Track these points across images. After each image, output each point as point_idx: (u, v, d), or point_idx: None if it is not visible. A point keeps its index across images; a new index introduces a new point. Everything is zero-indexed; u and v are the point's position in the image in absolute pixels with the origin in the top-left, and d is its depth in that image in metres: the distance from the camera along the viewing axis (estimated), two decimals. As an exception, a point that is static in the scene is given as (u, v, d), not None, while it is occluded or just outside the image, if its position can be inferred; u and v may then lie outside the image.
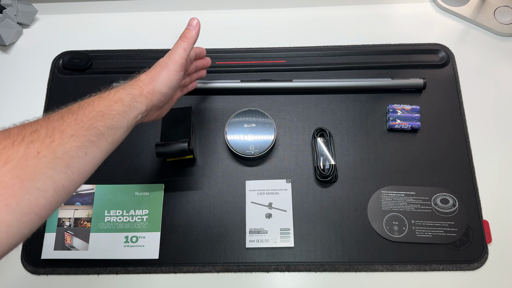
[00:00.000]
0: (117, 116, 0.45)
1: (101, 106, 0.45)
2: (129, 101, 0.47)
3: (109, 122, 0.44)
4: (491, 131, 0.71)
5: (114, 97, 0.46)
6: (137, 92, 0.49)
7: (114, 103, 0.46)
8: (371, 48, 0.77)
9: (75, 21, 0.82)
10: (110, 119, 0.44)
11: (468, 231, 0.64)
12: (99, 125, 0.43)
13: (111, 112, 0.45)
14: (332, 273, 0.63)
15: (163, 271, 0.63)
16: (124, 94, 0.47)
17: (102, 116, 0.44)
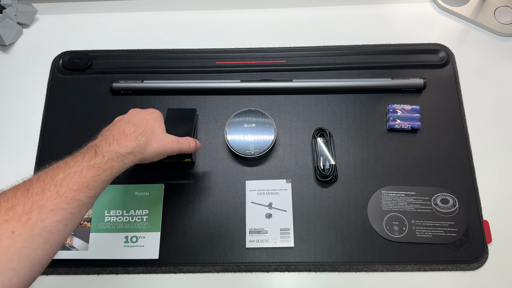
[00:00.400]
0: (102, 184, 0.45)
1: (88, 176, 0.43)
2: (119, 169, 0.47)
3: (93, 192, 0.44)
4: (491, 131, 0.70)
5: (105, 166, 0.46)
6: (130, 160, 0.49)
7: (103, 172, 0.45)
8: (371, 48, 0.77)
9: (75, 21, 0.82)
10: (95, 189, 0.44)
11: (468, 231, 0.64)
12: (82, 197, 0.42)
13: (96, 182, 0.44)
14: (332, 273, 0.63)
15: (163, 271, 0.63)
16: (116, 162, 0.47)
17: (87, 187, 0.43)
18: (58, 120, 0.73)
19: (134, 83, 0.73)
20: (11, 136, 0.73)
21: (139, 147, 0.50)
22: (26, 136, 0.72)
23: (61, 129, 0.73)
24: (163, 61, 0.77)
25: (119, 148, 0.48)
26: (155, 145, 0.52)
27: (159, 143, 0.53)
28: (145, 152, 0.51)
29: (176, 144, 0.56)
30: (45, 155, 0.71)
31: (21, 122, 0.74)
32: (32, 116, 0.74)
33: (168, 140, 0.55)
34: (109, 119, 0.72)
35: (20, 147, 0.72)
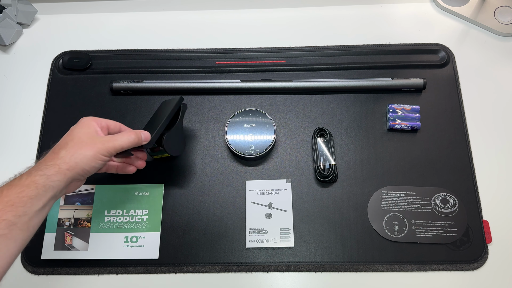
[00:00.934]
0: (30, 201, 0.44)
1: (10, 195, 0.43)
2: (43, 182, 0.45)
3: (21, 210, 0.43)
4: (491, 131, 0.70)
5: (26, 182, 0.45)
6: (54, 171, 0.47)
7: (26, 188, 0.44)
8: (371, 48, 0.77)
9: (75, 21, 0.82)
10: (22, 206, 0.43)
11: (468, 231, 0.64)
12: (9, 216, 0.42)
13: (22, 199, 0.43)
14: (332, 273, 0.63)
15: (163, 271, 0.63)
16: (38, 176, 0.45)
17: (12, 205, 0.42)
18: (58, 120, 0.73)
19: (134, 83, 0.73)
20: (11, 136, 0.73)
21: (61, 159, 0.48)
22: (26, 136, 0.72)
23: (61, 129, 0.71)
24: (163, 61, 0.77)
25: (39, 164, 0.48)
26: (81, 150, 0.50)
27: (86, 147, 0.50)
28: (71, 161, 0.48)
29: (111, 142, 0.52)
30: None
31: (21, 122, 0.74)
32: (32, 116, 0.74)
33: (99, 141, 0.52)
34: (109, 118, 0.73)
35: (20, 147, 0.72)
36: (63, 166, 0.48)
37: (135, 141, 0.55)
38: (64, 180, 0.47)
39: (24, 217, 0.43)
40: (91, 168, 0.51)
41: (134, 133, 0.55)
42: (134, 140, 0.55)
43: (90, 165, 0.50)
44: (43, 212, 0.46)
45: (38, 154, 0.71)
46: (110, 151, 0.52)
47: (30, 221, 0.44)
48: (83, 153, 0.50)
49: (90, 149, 0.50)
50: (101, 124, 0.55)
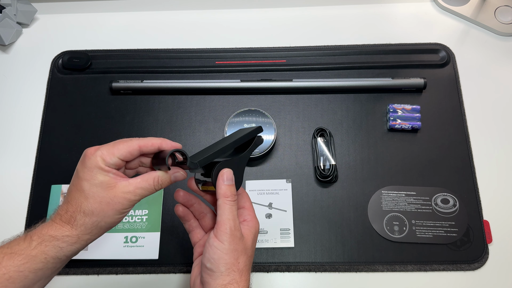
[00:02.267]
0: (33, 274, 0.37)
1: (9, 266, 0.36)
2: (55, 255, 0.38)
3: (19, 285, 0.37)
4: (491, 131, 0.70)
5: (34, 252, 0.37)
6: (71, 241, 0.39)
7: (31, 260, 0.37)
8: (371, 47, 0.77)
9: (75, 20, 0.82)
10: (21, 281, 0.36)
11: (469, 231, 0.64)
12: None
13: (23, 273, 0.36)
14: (332, 273, 0.63)
15: (162, 271, 0.63)
16: (49, 247, 0.38)
17: (8, 280, 0.36)
18: (58, 119, 0.73)
19: (134, 83, 0.73)
20: (10, 136, 0.73)
21: (79, 227, 0.40)
22: (26, 136, 0.72)
23: (61, 128, 0.72)
24: (163, 61, 0.77)
25: (53, 231, 0.39)
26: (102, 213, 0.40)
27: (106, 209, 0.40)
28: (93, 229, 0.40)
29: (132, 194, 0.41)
30: (45, 154, 0.70)
31: (20, 122, 0.74)
32: (32, 115, 0.74)
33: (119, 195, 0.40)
34: (108, 119, 0.73)
35: (19, 147, 0.72)
36: (84, 237, 0.40)
37: (165, 183, 0.44)
38: (84, 246, 0.41)
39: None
40: (117, 223, 0.43)
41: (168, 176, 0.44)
42: (163, 182, 0.44)
43: (116, 222, 0.42)
44: (51, 277, 0.40)
45: (38, 154, 0.70)
46: (133, 201, 0.42)
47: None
48: (107, 215, 0.40)
49: (112, 209, 0.40)
50: (113, 162, 0.41)
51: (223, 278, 0.41)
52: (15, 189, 0.69)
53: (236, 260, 0.42)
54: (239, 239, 0.43)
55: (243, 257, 0.43)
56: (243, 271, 0.42)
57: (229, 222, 0.43)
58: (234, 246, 0.42)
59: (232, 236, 0.42)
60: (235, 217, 0.44)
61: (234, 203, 0.44)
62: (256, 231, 0.46)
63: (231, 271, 0.42)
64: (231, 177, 0.45)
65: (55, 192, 0.67)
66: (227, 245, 0.42)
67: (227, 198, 0.44)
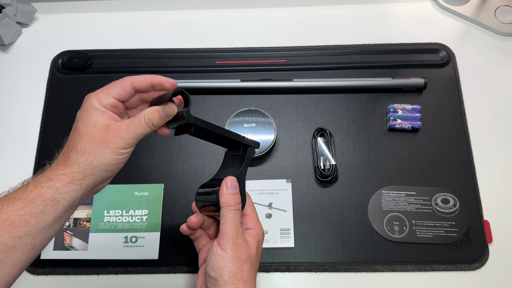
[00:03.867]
0: (34, 219, 0.37)
1: (9, 211, 0.36)
2: (52, 196, 0.38)
3: (22, 230, 0.36)
4: (492, 131, 0.70)
5: (31, 194, 0.37)
6: (65, 181, 0.39)
7: (30, 204, 0.37)
8: (371, 47, 0.77)
9: (75, 20, 0.82)
10: (23, 226, 0.36)
11: (469, 231, 0.64)
12: (6, 238, 0.35)
13: (23, 217, 0.36)
14: (332, 274, 0.63)
15: (162, 271, 0.63)
16: (45, 188, 0.38)
17: (11, 225, 0.36)
18: (58, 119, 0.73)
19: (134, 82, 0.73)
20: (10, 136, 0.73)
21: (73, 165, 0.40)
22: (26, 135, 0.72)
23: (61, 128, 0.72)
24: (163, 61, 0.77)
25: (49, 170, 0.40)
26: (96, 151, 0.40)
27: (100, 146, 0.40)
28: (87, 168, 0.40)
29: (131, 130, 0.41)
30: (45, 154, 0.70)
31: (20, 122, 0.74)
32: (32, 115, 0.74)
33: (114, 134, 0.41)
34: (108, 118, 0.73)
35: (19, 146, 0.72)
36: (78, 176, 0.39)
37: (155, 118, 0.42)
38: (80, 190, 0.40)
39: (26, 237, 0.37)
40: (115, 166, 0.41)
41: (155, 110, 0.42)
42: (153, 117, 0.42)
43: (112, 164, 0.41)
44: (55, 227, 0.39)
45: (38, 154, 0.70)
46: (131, 142, 0.41)
47: (35, 239, 0.37)
48: (99, 153, 0.40)
49: (106, 147, 0.40)
50: (109, 102, 0.42)
51: (227, 287, 0.41)
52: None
53: (240, 269, 0.42)
54: (242, 247, 0.43)
55: (247, 266, 0.43)
56: (247, 279, 0.42)
57: (232, 231, 0.43)
58: (237, 254, 0.42)
59: (235, 244, 0.42)
60: (238, 226, 0.43)
61: (238, 212, 0.44)
62: (260, 238, 0.46)
63: (235, 280, 0.41)
64: (234, 185, 0.45)
65: (55, 192, 0.67)
66: (230, 253, 0.42)
67: (230, 207, 0.43)
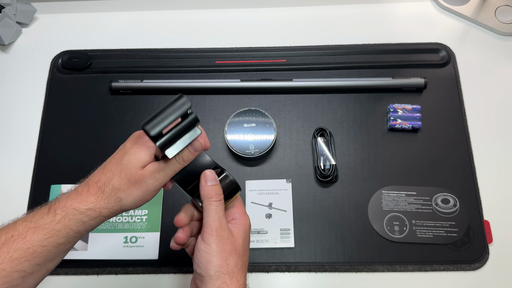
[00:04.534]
0: (55, 248, 0.37)
1: (34, 240, 0.36)
2: (77, 229, 0.38)
3: (43, 259, 0.36)
4: (492, 131, 0.70)
5: (58, 226, 0.37)
6: (92, 216, 0.39)
7: (55, 234, 0.37)
8: (371, 47, 0.76)
9: (75, 20, 0.82)
10: (44, 256, 0.36)
11: (469, 231, 0.64)
12: (26, 266, 0.35)
13: (46, 247, 0.36)
14: (332, 274, 0.62)
15: (162, 271, 0.63)
16: (73, 221, 0.38)
17: (32, 254, 0.36)
18: (58, 119, 0.73)
19: (134, 82, 0.73)
20: (10, 136, 0.73)
21: (104, 200, 0.40)
22: (25, 135, 0.72)
23: (61, 128, 0.72)
24: (163, 61, 0.77)
25: (77, 203, 0.39)
26: (129, 191, 0.40)
27: (134, 186, 0.40)
28: (116, 206, 0.40)
29: (163, 173, 0.41)
30: (45, 154, 0.70)
31: (20, 122, 0.73)
32: (31, 115, 0.74)
33: (150, 175, 0.40)
34: (108, 118, 0.73)
35: (19, 146, 0.72)
36: (105, 212, 0.40)
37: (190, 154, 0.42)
38: (101, 222, 0.41)
39: (44, 264, 0.37)
40: (138, 206, 0.42)
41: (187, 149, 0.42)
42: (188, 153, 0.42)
43: (138, 205, 0.42)
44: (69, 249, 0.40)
45: (38, 154, 0.70)
46: (163, 182, 0.42)
47: (51, 264, 0.38)
48: (131, 194, 0.40)
49: (139, 189, 0.40)
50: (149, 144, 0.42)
51: (213, 282, 0.40)
52: (15, 189, 0.69)
53: (225, 262, 0.41)
54: (226, 239, 0.41)
55: (233, 257, 0.41)
56: (233, 272, 0.41)
57: (215, 223, 0.41)
58: (221, 247, 0.41)
59: (218, 237, 0.41)
60: (221, 217, 0.42)
61: (220, 203, 0.43)
62: (246, 228, 0.44)
63: (220, 274, 0.40)
64: (213, 177, 0.43)
65: (55, 192, 0.67)
66: (214, 247, 0.41)
67: (211, 198, 0.42)
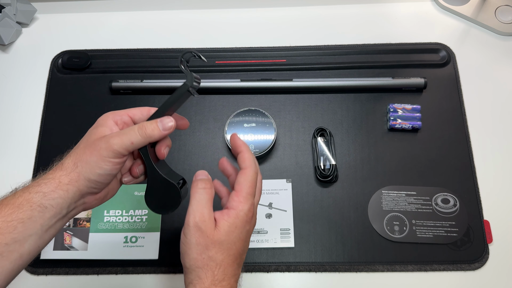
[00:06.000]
0: (21, 225, 0.36)
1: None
2: (39, 201, 0.38)
3: (9, 237, 0.36)
4: (492, 131, 0.70)
5: (19, 200, 0.37)
6: (52, 186, 0.38)
7: (17, 209, 0.37)
8: (371, 47, 0.76)
9: (74, 20, 0.82)
10: (10, 232, 0.36)
11: (469, 231, 0.64)
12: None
13: (11, 223, 0.36)
14: (332, 274, 0.62)
15: (162, 271, 0.63)
16: (33, 193, 0.38)
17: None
18: (58, 119, 0.73)
19: (134, 82, 0.73)
20: (10, 136, 0.73)
21: (63, 170, 0.39)
22: (25, 135, 0.72)
23: (61, 128, 0.72)
24: (163, 61, 0.77)
25: (42, 177, 0.39)
26: (83, 156, 0.39)
27: (88, 151, 0.39)
28: (72, 172, 0.39)
29: (118, 138, 0.40)
30: (45, 154, 0.70)
31: (20, 122, 0.73)
32: (31, 115, 0.74)
33: (104, 140, 0.40)
34: (108, 118, 0.73)
35: (19, 146, 0.72)
36: (64, 180, 0.39)
37: (149, 129, 0.41)
38: (67, 196, 0.39)
39: (13, 245, 0.36)
40: (98, 176, 0.40)
41: (139, 127, 0.41)
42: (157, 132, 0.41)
43: (95, 172, 0.39)
44: (43, 237, 0.38)
45: (37, 154, 0.70)
46: (116, 149, 0.39)
47: (22, 247, 0.37)
48: (85, 159, 0.39)
49: (92, 153, 0.40)
50: (120, 118, 0.43)
51: (187, 275, 0.40)
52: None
53: (200, 255, 0.39)
54: (203, 231, 0.40)
55: (210, 251, 0.39)
56: (208, 266, 0.39)
57: (194, 214, 0.40)
58: (196, 240, 0.39)
59: (195, 229, 0.40)
60: (203, 208, 0.41)
61: (204, 191, 0.41)
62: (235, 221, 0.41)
63: (195, 268, 0.39)
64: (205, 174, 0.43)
65: (55, 192, 0.67)
66: (189, 238, 0.39)
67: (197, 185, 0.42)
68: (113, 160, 0.40)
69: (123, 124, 0.43)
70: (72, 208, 0.40)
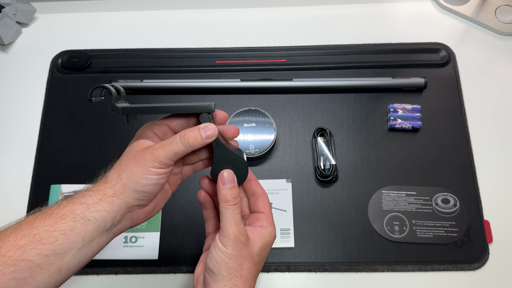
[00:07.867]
0: (63, 236, 0.35)
1: (40, 226, 0.35)
2: (82, 213, 0.37)
3: (49, 249, 0.35)
4: (492, 131, 0.70)
5: (63, 211, 0.36)
6: (96, 198, 0.38)
7: (60, 220, 0.36)
8: (371, 47, 0.76)
9: (74, 20, 0.82)
10: (51, 243, 0.35)
11: (469, 231, 0.64)
12: (32, 255, 0.34)
13: (53, 233, 0.35)
14: (332, 274, 0.62)
15: (162, 271, 0.63)
16: (77, 205, 0.37)
17: (39, 241, 0.34)
18: (57, 119, 0.73)
19: (133, 82, 0.73)
20: (10, 136, 0.73)
21: (108, 182, 0.39)
22: (25, 135, 0.72)
23: (60, 128, 0.72)
24: (163, 60, 0.77)
25: (88, 189, 0.39)
26: (127, 168, 0.39)
27: (132, 163, 0.39)
28: (117, 185, 0.39)
29: (161, 149, 0.39)
30: (44, 154, 0.70)
31: (20, 122, 0.73)
32: (31, 115, 0.74)
33: (148, 151, 0.39)
34: (108, 118, 0.73)
35: (19, 146, 0.72)
36: (108, 192, 0.38)
37: (199, 141, 0.40)
38: (112, 209, 0.38)
39: (53, 257, 0.35)
40: (144, 186, 0.39)
41: (181, 136, 0.40)
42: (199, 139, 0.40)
43: (141, 183, 0.39)
44: (84, 252, 0.37)
45: (37, 154, 0.70)
46: (161, 160, 0.39)
47: (62, 261, 0.35)
48: (130, 170, 0.39)
49: (137, 163, 0.39)
50: (159, 128, 0.43)
51: (224, 282, 0.40)
52: (15, 189, 0.69)
53: (240, 266, 0.40)
54: (244, 244, 0.41)
55: (247, 264, 0.41)
56: (247, 278, 0.41)
57: (232, 228, 0.41)
58: (238, 252, 0.40)
59: (235, 241, 0.41)
60: (238, 222, 0.41)
61: (236, 207, 0.42)
62: (268, 240, 0.43)
63: (233, 277, 0.40)
64: (231, 179, 0.42)
65: (55, 192, 0.67)
66: (231, 251, 0.40)
67: (227, 203, 0.41)
68: (159, 170, 0.40)
69: (162, 133, 0.43)
70: (117, 222, 0.39)
